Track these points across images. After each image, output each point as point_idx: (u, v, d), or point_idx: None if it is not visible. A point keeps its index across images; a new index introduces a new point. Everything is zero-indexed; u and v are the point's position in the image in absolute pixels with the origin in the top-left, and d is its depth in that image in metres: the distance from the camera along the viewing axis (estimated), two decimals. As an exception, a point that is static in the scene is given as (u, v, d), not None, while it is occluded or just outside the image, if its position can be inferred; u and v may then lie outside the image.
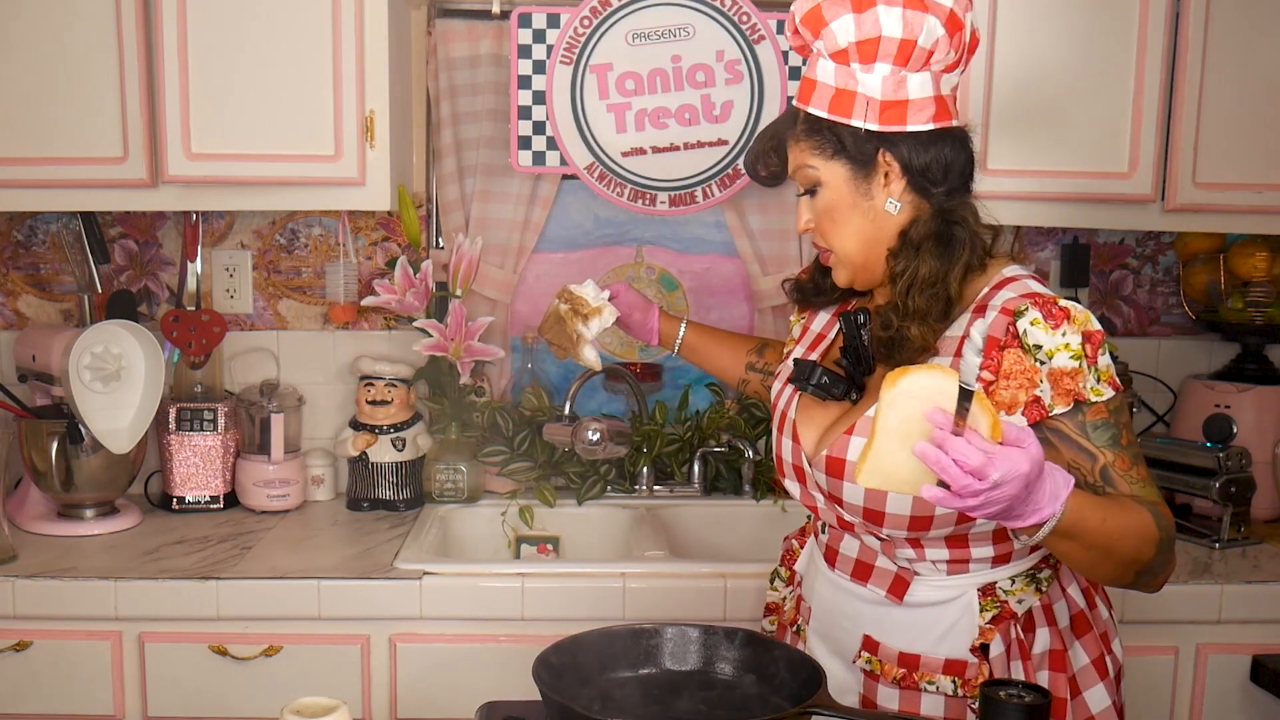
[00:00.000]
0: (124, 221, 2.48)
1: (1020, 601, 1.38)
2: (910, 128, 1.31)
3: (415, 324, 2.37)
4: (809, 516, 1.64)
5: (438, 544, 2.22)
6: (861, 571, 1.42)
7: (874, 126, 1.31)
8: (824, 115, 1.33)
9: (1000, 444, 1.07)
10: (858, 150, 1.33)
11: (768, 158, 1.45)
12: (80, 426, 2.18)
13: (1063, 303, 1.28)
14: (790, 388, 1.48)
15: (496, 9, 2.37)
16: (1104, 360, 1.28)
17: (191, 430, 2.34)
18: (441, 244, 2.50)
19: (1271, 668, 1.94)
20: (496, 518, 2.41)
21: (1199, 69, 2.08)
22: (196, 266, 2.42)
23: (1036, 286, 1.33)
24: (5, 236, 2.47)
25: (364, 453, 2.37)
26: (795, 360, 1.44)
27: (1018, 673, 1.36)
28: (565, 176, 2.45)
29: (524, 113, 2.35)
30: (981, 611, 1.37)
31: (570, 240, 2.54)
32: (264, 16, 2.05)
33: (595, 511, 2.42)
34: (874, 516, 1.35)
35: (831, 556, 1.46)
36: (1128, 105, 2.10)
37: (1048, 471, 1.13)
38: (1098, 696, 1.43)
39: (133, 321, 2.24)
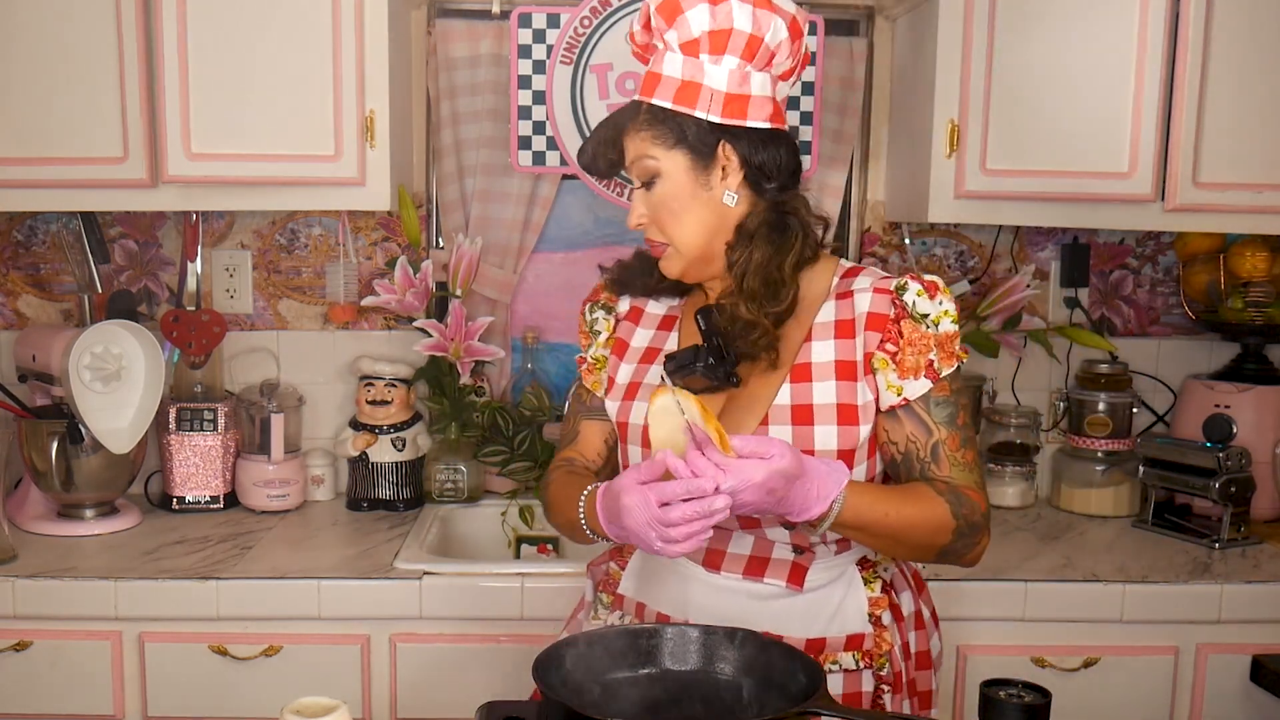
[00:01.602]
0: (124, 221, 2.48)
1: (886, 570, 1.48)
2: (750, 123, 1.38)
3: (415, 324, 2.37)
4: None
5: (438, 544, 2.22)
6: (756, 567, 1.42)
7: (716, 118, 1.37)
8: (668, 106, 1.37)
9: (740, 457, 1.19)
10: (699, 141, 1.37)
11: (607, 149, 1.45)
12: (80, 426, 2.18)
13: (928, 277, 1.40)
14: (645, 404, 1.43)
15: (496, 9, 2.37)
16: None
17: (191, 430, 2.34)
18: (441, 244, 2.50)
19: (1271, 668, 1.94)
20: (496, 518, 2.41)
21: (1199, 69, 2.08)
22: (196, 266, 2.42)
23: (884, 272, 1.44)
24: (5, 236, 2.47)
25: (364, 453, 2.37)
26: (669, 355, 1.42)
27: (898, 635, 1.45)
28: (565, 176, 2.45)
29: (524, 113, 2.35)
30: (868, 584, 1.44)
31: (570, 240, 2.54)
32: (264, 17, 2.05)
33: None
34: None
35: (716, 559, 1.43)
36: (1128, 105, 2.10)
37: (816, 474, 1.25)
38: (936, 644, 1.54)
39: (133, 321, 2.24)
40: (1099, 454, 2.42)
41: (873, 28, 2.47)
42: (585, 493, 1.38)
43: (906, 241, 2.52)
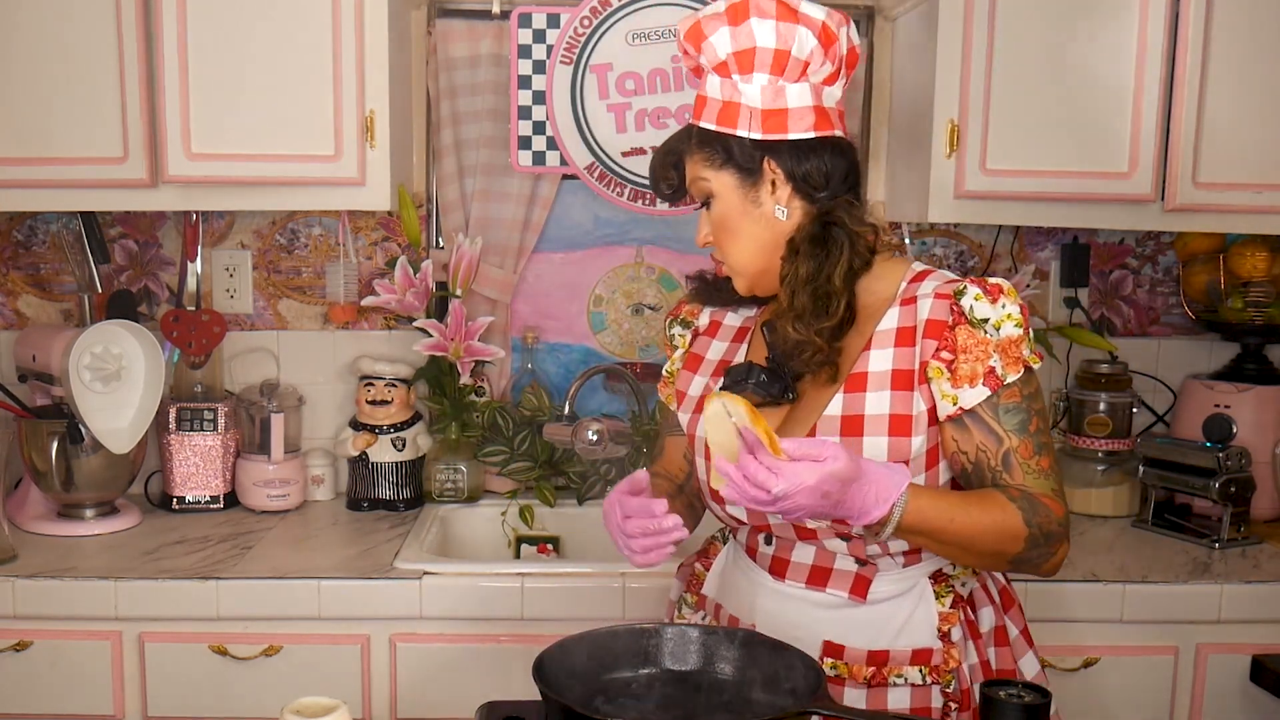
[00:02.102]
0: (124, 221, 2.48)
1: (964, 584, 1.45)
2: (791, 135, 1.38)
3: (415, 324, 2.37)
4: (715, 538, 1.62)
5: (438, 544, 2.22)
6: (819, 577, 1.42)
7: (757, 135, 1.37)
8: (712, 127, 1.39)
9: (791, 459, 1.18)
10: (744, 159, 1.39)
11: (667, 174, 1.48)
12: (80, 426, 2.18)
13: (993, 280, 1.36)
14: None
15: (496, 9, 2.37)
16: (1031, 331, 1.37)
17: (191, 430, 2.34)
18: (441, 244, 2.50)
19: (1271, 668, 1.94)
20: (496, 518, 2.41)
21: (1199, 69, 2.08)
22: (196, 266, 2.42)
23: (953, 275, 1.41)
24: (5, 236, 2.47)
25: (364, 453, 2.37)
26: (726, 371, 1.43)
27: (973, 652, 1.42)
28: (565, 176, 2.45)
29: (524, 113, 2.35)
30: (939, 598, 1.41)
31: (570, 240, 2.54)
32: (264, 16, 2.05)
33: (595, 511, 2.42)
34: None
35: (781, 568, 1.44)
36: (1128, 105, 2.10)
37: (875, 477, 1.22)
38: (1030, 664, 1.49)
39: (133, 321, 2.24)
40: (1099, 454, 2.42)
41: (873, 28, 2.47)
42: None
43: (906, 241, 2.52)
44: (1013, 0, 2.07)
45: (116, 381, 2.20)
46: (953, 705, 1.39)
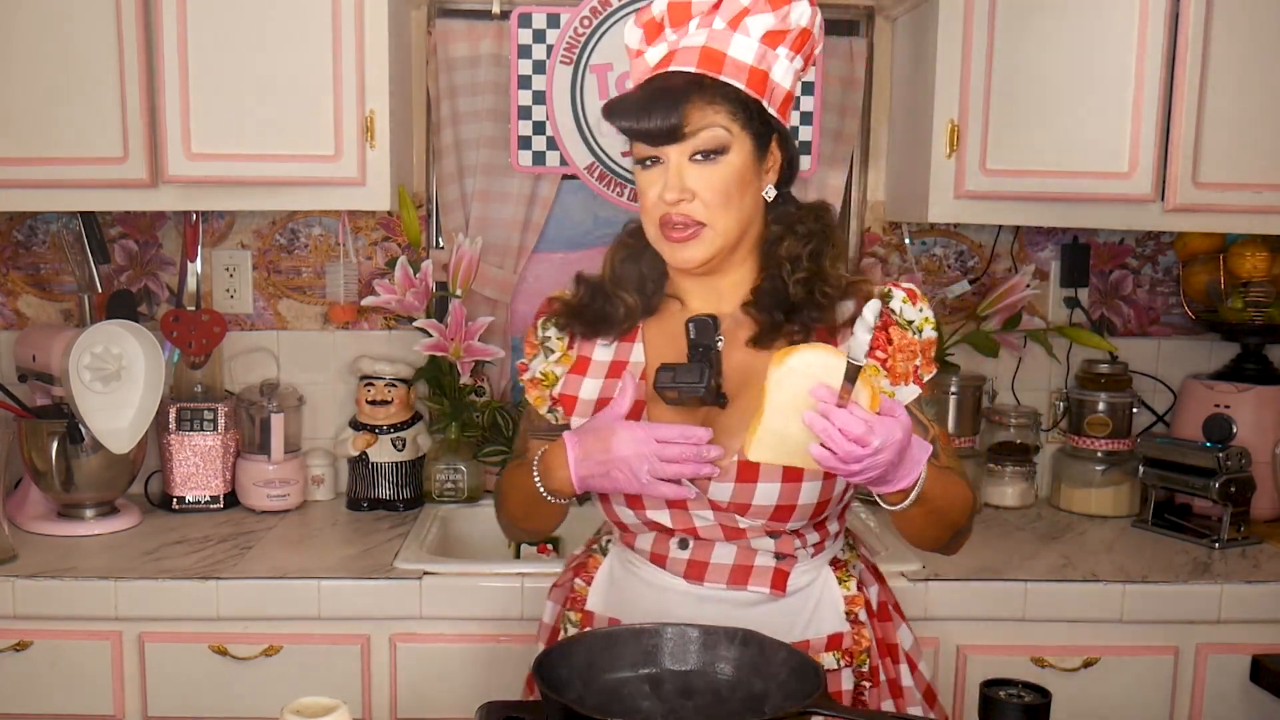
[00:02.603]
0: (124, 221, 2.48)
1: (854, 568, 1.48)
2: (788, 125, 1.39)
3: (415, 324, 2.37)
4: (593, 551, 1.56)
5: (438, 544, 2.22)
6: (740, 576, 1.40)
7: (772, 110, 1.35)
8: (742, 87, 1.31)
9: (878, 414, 1.17)
10: (762, 130, 1.34)
11: (673, 110, 1.29)
12: (80, 426, 2.18)
13: (905, 284, 1.40)
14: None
15: (496, 9, 2.37)
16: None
17: (191, 430, 2.34)
18: (441, 244, 2.50)
19: (1271, 668, 1.94)
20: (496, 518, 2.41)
21: (1199, 69, 2.08)
22: (196, 266, 2.42)
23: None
24: (5, 236, 2.47)
25: (364, 452, 2.37)
26: (665, 366, 1.34)
27: (875, 630, 1.46)
28: (565, 176, 2.45)
29: (524, 113, 2.35)
30: (843, 584, 1.44)
31: (570, 240, 2.54)
32: (264, 17, 2.05)
33: (595, 511, 2.41)
34: (784, 512, 1.36)
35: (699, 571, 1.40)
36: (1128, 105, 2.10)
37: (913, 440, 1.23)
38: (905, 634, 1.52)
39: (133, 321, 2.24)
40: (1099, 454, 2.42)
41: (873, 28, 2.47)
42: (542, 451, 1.40)
43: (907, 241, 2.52)
44: (1013, 0, 2.07)
45: (116, 381, 2.20)
46: (865, 685, 1.42)
